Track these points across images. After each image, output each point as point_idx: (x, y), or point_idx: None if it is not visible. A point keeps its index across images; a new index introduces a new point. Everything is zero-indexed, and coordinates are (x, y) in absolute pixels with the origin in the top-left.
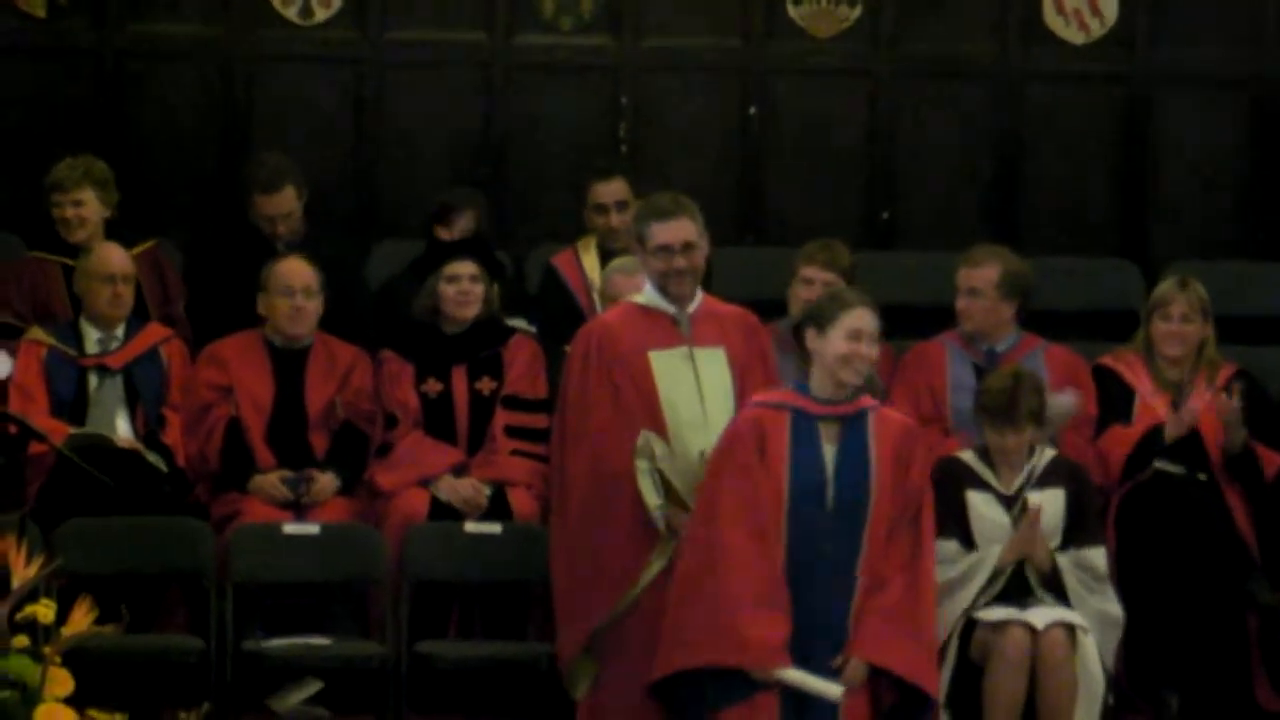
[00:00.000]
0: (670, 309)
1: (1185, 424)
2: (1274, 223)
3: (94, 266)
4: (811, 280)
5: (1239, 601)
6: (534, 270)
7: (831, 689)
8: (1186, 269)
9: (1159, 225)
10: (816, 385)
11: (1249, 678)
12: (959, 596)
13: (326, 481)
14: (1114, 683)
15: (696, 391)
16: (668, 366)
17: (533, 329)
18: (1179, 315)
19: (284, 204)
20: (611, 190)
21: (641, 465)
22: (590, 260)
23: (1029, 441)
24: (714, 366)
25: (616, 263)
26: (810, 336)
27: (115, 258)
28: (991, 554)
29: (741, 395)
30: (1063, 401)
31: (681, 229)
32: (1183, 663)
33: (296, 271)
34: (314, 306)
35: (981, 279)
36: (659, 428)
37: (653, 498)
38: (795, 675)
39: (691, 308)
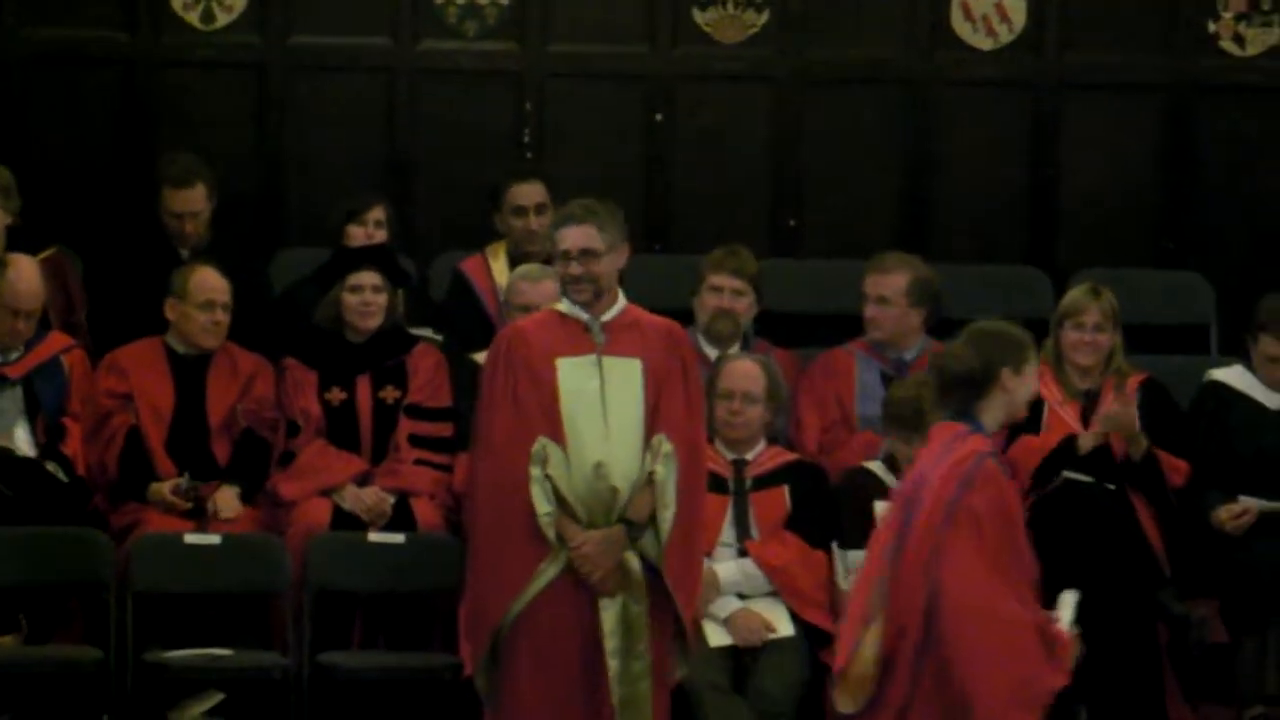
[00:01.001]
0: (584, 316)
1: (1100, 435)
2: (1183, 231)
3: (3, 297)
4: (720, 288)
5: (1149, 612)
6: (440, 277)
7: None
8: (1094, 277)
9: (1067, 233)
10: (991, 422)
11: (1160, 689)
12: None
13: (226, 497)
14: None
15: (600, 401)
16: (573, 374)
17: (438, 338)
18: (1092, 324)
19: (194, 201)
20: (530, 192)
21: (535, 473)
22: (499, 266)
23: None
24: (624, 377)
25: (521, 270)
26: (1007, 375)
27: (24, 290)
28: None
29: (655, 409)
30: None
31: (580, 235)
32: (1093, 674)
33: (215, 285)
34: (228, 319)
35: (890, 286)
36: (558, 436)
37: (542, 505)
38: None
39: (608, 316)
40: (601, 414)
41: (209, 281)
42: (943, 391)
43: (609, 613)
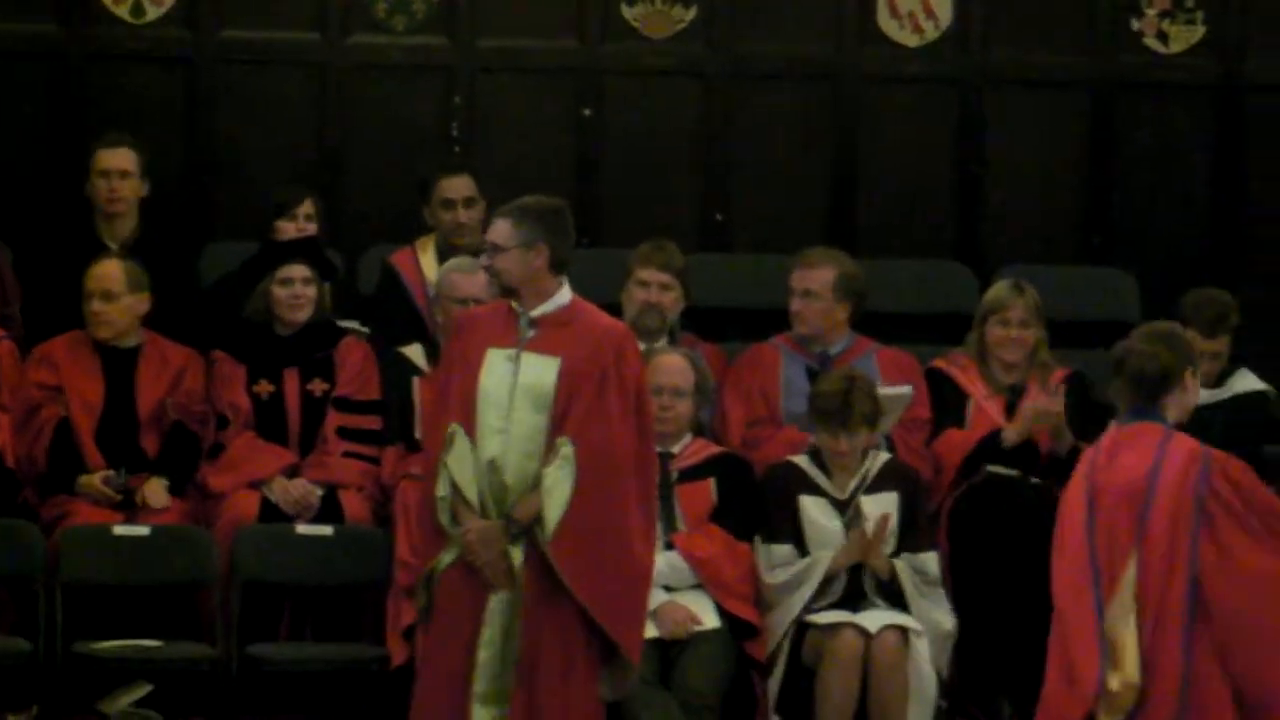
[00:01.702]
0: (519, 309)
1: (1025, 429)
2: (1108, 226)
3: None
4: (647, 282)
5: None
6: (369, 270)
7: None
8: (1019, 273)
9: (993, 228)
10: (1171, 420)
11: None
12: (791, 600)
13: (155, 488)
14: (946, 687)
15: (509, 397)
16: (494, 366)
17: (365, 330)
18: (1017, 320)
19: (122, 159)
20: (459, 186)
21: (441, 456)
22: (428, 259)
23: (862, 445)
24: (537, 375)
25: (454, 262)
26: (1188, 376)
27: None
28: (823, 558)
29: (566, 411)
30: (897, 392)
31: (494, 230)
32: (1015, 667)
33: (103, 274)
34: (119, 309)
35: (816, 281)
36: (470, 425)
37: (439, 489)
38: None
39: (539, 311)
40: (507, 408)
41: (98, 271)
42: (1134, 389)
43: (492, 603)
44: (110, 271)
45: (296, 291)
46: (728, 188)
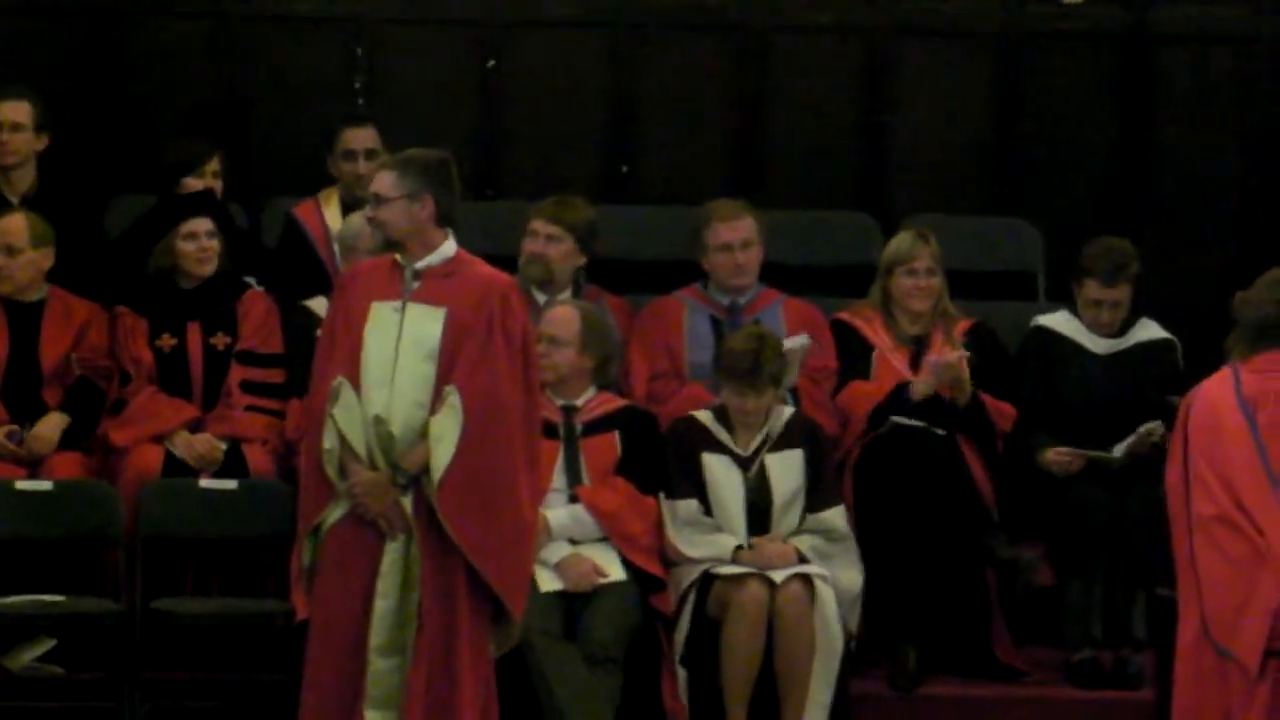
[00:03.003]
0: (403, 261)
1: (932, 383)
2: (1013, 177)
3: None
4: (537, 233)
5: (977, 556)
6: (273, 223)
7: None
8: (922, 223)
9: (899, 179)
10: None
11: (987, 632)
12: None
13: (48, 424)
14: (852, 636)
15: (394, 349)
16: (379, 319)
17: (260, 288)
18: (924, 269)
19: (16, 113)
20: (362, 137)
21: (327, 409)
22: (332, 212)
23: (769, 404)
24: (423, 326)
25: (360, 214)
26: None
27: None
28: (728, 543)
29: (452, 362)
30: (796, 344)
31: (378, 180)
32: (922, 617)
33: (2, 229)
34: (22, 264)
35: (749, 230)
36: (355, 378)
37: (325, 442)
38: None
39: (424, 263)
40: (392, 359)
41: (0, 225)
42: (1261, 333)
43: (388, 554)
44: (13, 226)
45: (203, 245)
46: (633, 140)
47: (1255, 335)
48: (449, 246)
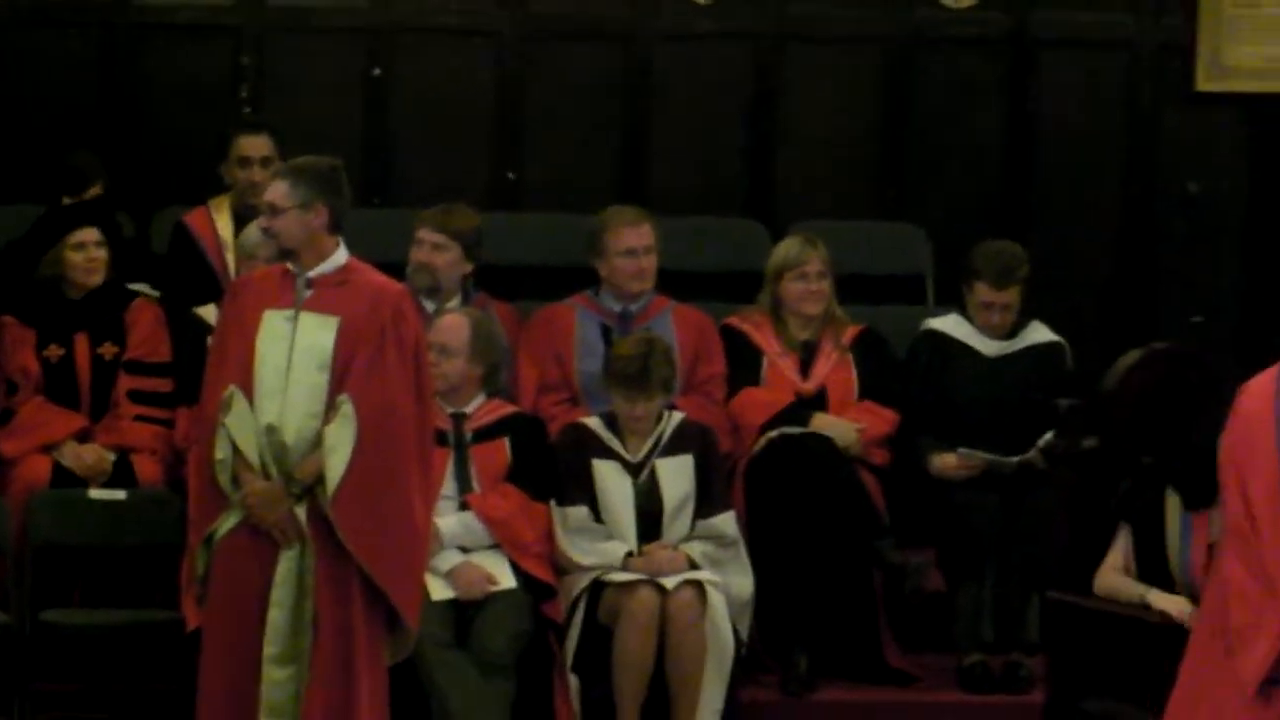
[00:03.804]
0: (295, 270)
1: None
2: (901, 182)
3: None
4: (423, 242)
5: (866, 561)
6: (161, 231)
7: None
8: (809, 229)
9: (787, 185)
10: None
11: (877, 637)
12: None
13: None
14: (743, 642)
15: (287, 358)
16: (271, 327)
17: (154, 293)
18: (815, 274)
19: None
20: (257, 144)
21: (219, 419)
22: (223, 219)
23: (658, 410)
24: (316, 335)
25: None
26: None
27: None
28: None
29: (345, 371)
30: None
31: (273, 190)
32: (812, 623)
33: None
34: None
35: (649, 236)
36: (248, 388)
37: (217, 452)
38: None
39: (316, 271)
40: (285, 369)
41: None
42: None
43: (282, 564)
44: None
45: (91, 255)
46: (521, 147)
47: None
48: (341, 255)
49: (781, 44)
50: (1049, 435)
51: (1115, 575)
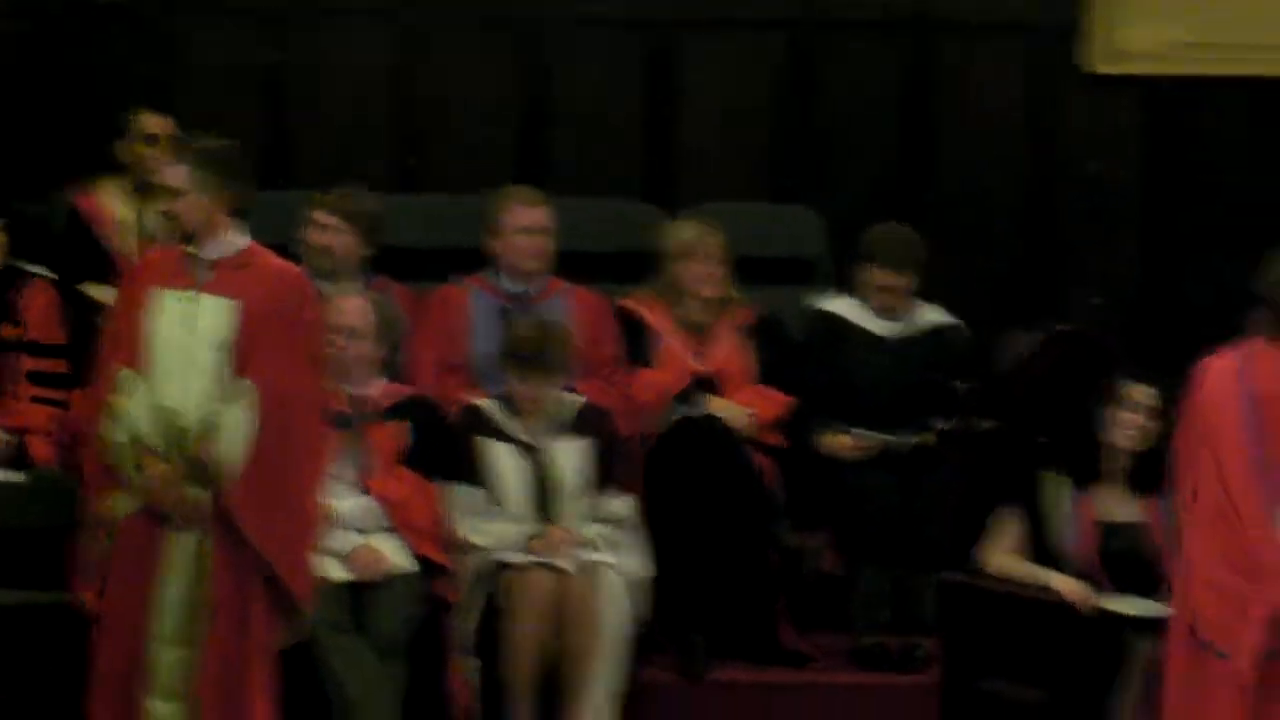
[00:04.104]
0: (195, 252)
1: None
2: (796, 165)
3: None
4: (320, 225)
5: (762, 543)
6: (56, 212)
7: None
8: (709, 211)
9: (684, 168)
10: None
11: (772, 617)
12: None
13: None
14: (640, 624)
15: (186, 340)
16: (169, 308)
17: (52, 275)
18: (710, 256)
19: None
20: (161, 124)
21: (117, 400)
22: (119, 199)
23: (555, 391)
24: (215, 317)
25: None
26: None
27: None
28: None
29: (245, 354)
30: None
31: (172, 173)
32: (709, 605)
33: None
34: None
35: (545, 216)
36: (146, 368)
37: (112, 434)
38: None
39: (216, 254)
40: (184, 351)
41: None
42: None
43: (180, 546)
44: None
45: None
46: (420, 129)
47: None
48: (242, 238)
49: (679, 28)
50: (944, 417)
51: (1008, 557)
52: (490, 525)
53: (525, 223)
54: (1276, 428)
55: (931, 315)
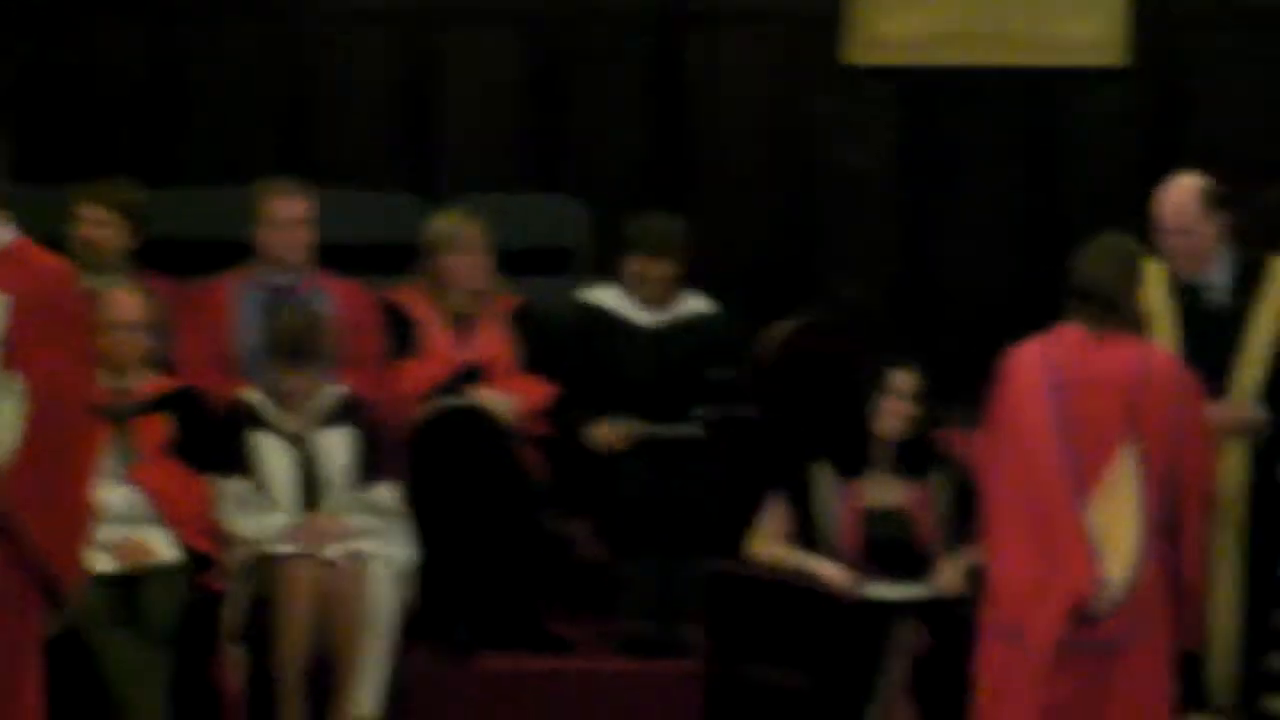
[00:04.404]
0: None
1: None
2: (557, 155)
3: None
4: (84, 218)
5: (527, 531)
6: None
7: None
8: (468, 201)
9: (444, 158)
10: None
11: (537, 605)
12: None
13: None
14: (405, 613)
15: None
16: None
17: None
18: (471, 247)
19: None
20: None
21: None
22: None
23: (318, 382)
24: None
25: None
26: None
27: None
28: (279, 520)
29: (16, 349)
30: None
31: None
32: (474, 593)
33: None
34: None
35: (305, 209)
36: None
37: None
38: None
39: None
40: None
41: None
42: (1096, 300)
43: None
44: None
45: None
46: (184, 121)
47: (1101, 312)
48: (6, 232)
49: (439, 19)
50: (706, 405)
51: (774, 544)
52: (257, 516)
53: (286, 215)
54: (1081, 417)
55: (693, 304)
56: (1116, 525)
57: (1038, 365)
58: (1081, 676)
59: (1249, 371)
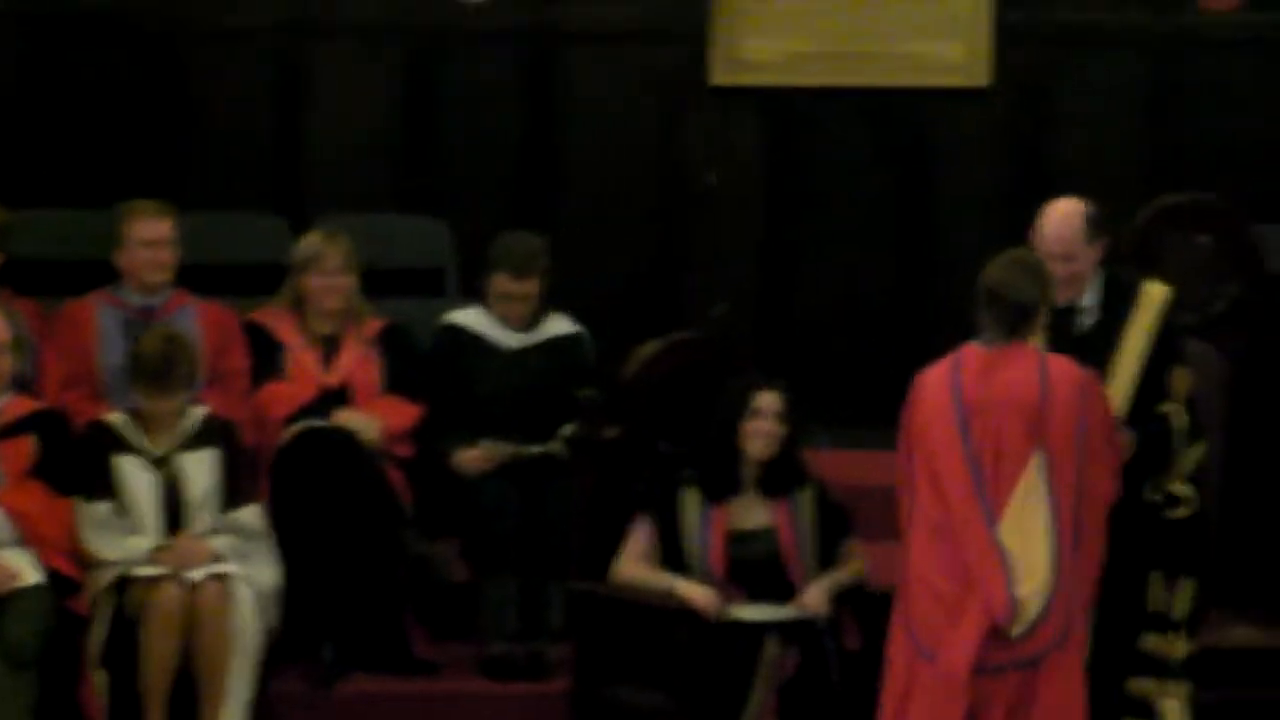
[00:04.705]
0: None
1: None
2: (423, 175)
3: None
4: None
5: (391, 552)
6: None
7: None
8: (333, 222)
9: (310, 179)
10: None
11: (402, 627)
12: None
13: None
14: (271, 634)
15: None
16: None
17: None
18: (335, 268)
19: None
20: None
21: None
22: None
23: (181, 404)
24: None
25: None
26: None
27: None
28: (142, 542)
29: None
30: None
31: None
32: (338, 614)
33: None
34: None
35: (169, 229)
36: None
37: None
38: None
39: None
40: None
41: None
42: (1006, 316)
43: None
44: None
45: None
46: (47, 141)
47: (1016, 320)
48: None
49: (305, 37)
50: (570, 425)
51: (637, 564)
52: (120, 539)
53: (148, 236)
54: (987, 438)
55: (556, 324)
56: (1028, 543)
57: (945, 388)
58: (1008, 695)
59: (1117, 394)
